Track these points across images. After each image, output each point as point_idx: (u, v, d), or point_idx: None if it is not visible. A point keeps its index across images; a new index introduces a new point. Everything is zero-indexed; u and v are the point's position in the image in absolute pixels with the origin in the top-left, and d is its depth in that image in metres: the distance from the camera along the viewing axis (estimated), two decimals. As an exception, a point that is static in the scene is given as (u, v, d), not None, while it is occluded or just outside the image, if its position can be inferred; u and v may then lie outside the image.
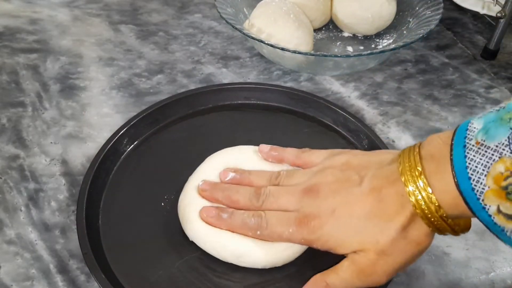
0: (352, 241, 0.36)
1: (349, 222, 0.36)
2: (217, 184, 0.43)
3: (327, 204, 0.37)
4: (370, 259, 0.35)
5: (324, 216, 0.36)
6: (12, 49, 0.67)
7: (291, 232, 0.37)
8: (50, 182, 0.49)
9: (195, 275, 0.40)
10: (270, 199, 0.39)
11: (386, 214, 0.34)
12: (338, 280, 0.36)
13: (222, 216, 0.40)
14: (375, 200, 0.35)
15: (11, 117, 0.56)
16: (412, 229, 0.34)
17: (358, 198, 0.36)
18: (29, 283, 0.41)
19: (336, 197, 0.37)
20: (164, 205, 0.45)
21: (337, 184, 0.37)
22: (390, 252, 0.34)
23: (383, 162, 0.37)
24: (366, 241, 0.35)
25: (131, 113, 0.55)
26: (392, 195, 0.35)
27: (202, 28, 0.72)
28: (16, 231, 0.45)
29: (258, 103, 0.57)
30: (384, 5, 0.66)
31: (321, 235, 0.37)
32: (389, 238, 0.34)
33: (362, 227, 0.35)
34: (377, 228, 0.35)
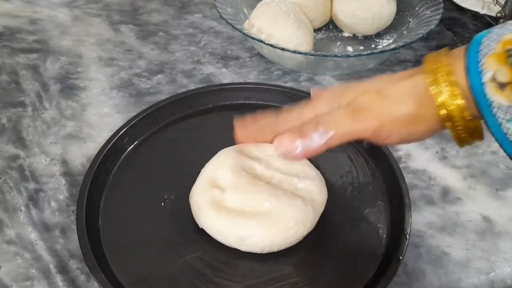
0: (353, 88, 0.36)
1: (355, 84, 0.36)
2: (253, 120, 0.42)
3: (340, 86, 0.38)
4: (368, 98, 0.34)
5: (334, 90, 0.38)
6: (12, 49, 0.67)
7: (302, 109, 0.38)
8: (50, 182, 0.49)
9: (195, 275, 0.40)
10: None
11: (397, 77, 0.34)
12: (329, 116, 0.35)
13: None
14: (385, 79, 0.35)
15: (11, 117, 0.56)
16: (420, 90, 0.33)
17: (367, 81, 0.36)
18: (29, 283, 0.41)
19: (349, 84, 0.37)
20: (164, 205, 0.45)
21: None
22: (390, 97, 0.34)
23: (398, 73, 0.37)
24: (367, 86, 0.35)
25: (131, 113, 0.55)
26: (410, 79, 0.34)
27: (202, 28, 0.72)
28: (16, 231, 0.45)
29: (258, 103, 0.57)
30: (384, 5, 0.66)
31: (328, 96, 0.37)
32: (393, 87, 0.34)
33: (367, 82, 0.36)
34: (384, 80, 0.35)
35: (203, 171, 0.46)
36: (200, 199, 0.43)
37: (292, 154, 0.36)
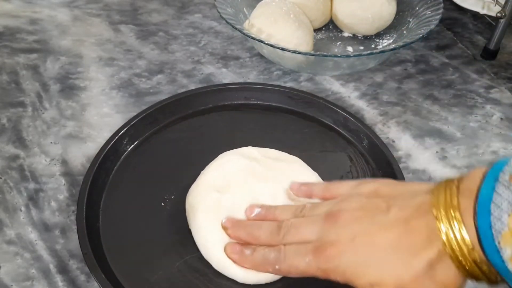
0: (371, 272, 0.32)
1: (370, 252, 0.32)
2: (240, 222, 0.40)
3: (347, 231, 0.33)
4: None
5: (342, 244, 0.33)
6: (12, 49, 0.67)
7: (307, 262, 0.34)
8: (50, 182, 0.49)
9: (195, 275, 0.40)
10: (291, 231, 0.37)
11: (412, 247, 0.31)
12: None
13: (245, 253, 0.38)
14: (401, 230, 0.32)
15: (11, 117, 0.56)
16: (439, 268, 0.30)
17: (382, 227, 0.32)
18: (29, 283, 0.41)
19: (358, 224, 0.33)
20: (164, 205, 0.45)
21: (361, 211, 0.34)
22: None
23: (417, 192, 0.33)
24: (386, 274, 0.31)
25: (131, 113, 0.55)
26: (421, 227, 0.31)
27: (202, 28, 0.72)
28: (16, 231, 0.45)
29: (258, 103, 0.57)
30: (384, 5, 0.66)
31: (338, 265, 0.33)
32: (412, 274, 0.30)
33: (384, 258, 0.32)
34: (400, 261, 0.31)
35: (203, 173, 0.46)
36: (195, 201, 0.43)
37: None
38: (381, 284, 0.32)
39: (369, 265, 0.32)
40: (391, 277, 0.31)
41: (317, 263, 0.34)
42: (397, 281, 0.31)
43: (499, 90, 0.62)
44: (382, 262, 0.32)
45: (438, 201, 0.30)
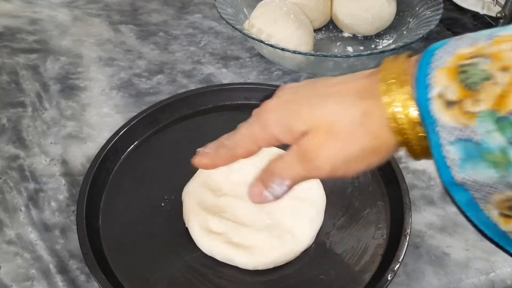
0: (306, 116, 0.31)
1: (306, 98, 0.31)
2: None
3: (289, 90, 0.33)
4: (316, 140, 0.31)
5: (285, 96, 0.33)
6: (12, 49, 0.67)
7: (249, 127, 0.34)
8: (50, 182, 0.49)
9: (195, 275, 0.40)
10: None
11: (349, 96, 0.30)
12: (281, 165, 0.33)
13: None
14: (341, 85, 0.31)
15: (11, 117, 0.56)
16: (374, 119, 0.29)
17: (323, 86, 0.32)
18: (29, 283, 0.41)
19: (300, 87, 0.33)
20: (164, 205, 0.45)
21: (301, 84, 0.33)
22: (341, 135, 0.30)
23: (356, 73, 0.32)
24: (320, 118, 0.31)
25: (131, 113, 0.55)
26: (361, 82, 0.30)
27: (202, 28, 0.72)
28: (16, 231, 0.45)
29: (258, 103, 0.57)
30: (384, 6, 0.66)
31: (275, 116, 0.32)
32: (345, 118, 0.30)
33: (319, 102, 0.31)
34: (335, 106, 0.30)
35: (201, 170, 0.46)
36: (191, 200, 0.44)
37: (267, 202, 0.34)
38: (312, 128, 0.31)
39: (306, 109, 0.31)
40: (325, 121, 0.30)
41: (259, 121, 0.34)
42: (328, 123, 0.30)
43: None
44: (317, 106, 0.31)
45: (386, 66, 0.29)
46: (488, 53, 0.25)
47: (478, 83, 0.24)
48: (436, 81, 0.26)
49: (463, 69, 0.25)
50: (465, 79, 0.25)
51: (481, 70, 0.24)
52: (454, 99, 0.25)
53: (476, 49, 0.25)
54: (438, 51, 0.27)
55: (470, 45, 0.26)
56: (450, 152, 0.25)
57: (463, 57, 0.25)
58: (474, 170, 0.25)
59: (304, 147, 0.31)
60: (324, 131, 0.30)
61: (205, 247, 0.42)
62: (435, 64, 0.26)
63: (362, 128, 0.30)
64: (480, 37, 0.26)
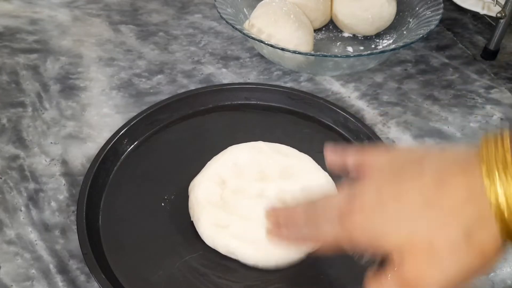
0: (399, 232, 0.28)
1: (398, 210, 0.28)
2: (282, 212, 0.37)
3: (376, 195, 0.29)
4: (418, 263, 0.27)
5: (369, 202, 0.29)
6: (12, 49, 0.67)
7: (333, 227, 0.31)
8: (50, 182, 0.49)
9: (195, 275, 0.40)
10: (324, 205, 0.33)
11: (447, 206, 0.26)
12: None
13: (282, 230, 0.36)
14: (436, 187, 0.27)
15: (11, 117, 0.56)
16: (478, 232, 0.26)
17: (415, 187, 0.28)
18: (29, 283, 0.41)
19: (388, 188, 0.29)
20: (164, 205, 0.45)
21: (392, 176, 0.30)
22: (445, 256, 0.27)
23: (458, 149, 0.29)
24: (416, 235, 0.27)
25: (131, 113, 0.55)
26: (460, 183, 0.27)
27: (202, 29, 0.72)
28: (16, 231, 0.45)
29: (258, 103, 0.57)
30: (384, 6, 0.66)
31: (365, 227, 0.29)
32: (446, 237, 0.26)
33: (414, 216, 0.27)
34: (433, 221, 0.27)
35: (210, 164, 0.46)
36: (197, 194, 0.44)
37: None
38: (409, 248, 0.28)
39: (395, 223, 0.28)
40: (422, 239, 0.27)
41: (343, 228, 0.31)
42: (428, 244, 0.27)
43: (499, 91, 0.62)
44: (411, 221, 0.27)
45: (487, 155, 0.26)
46: None
47: None
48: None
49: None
50: None
51: None
52: None
53: None
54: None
55: None
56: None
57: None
58: None
59: (406, 275, 0.28)
60: (424, 250, 0.27)
61: (209, 240, 0.42)
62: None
63: (467, 246, 0.26)
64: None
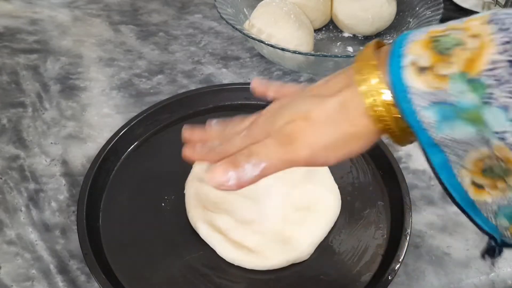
0: (283, 116, 0.33)
1: (287, 106, 0.34)
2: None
3: (276, 105, 0.35)
4: (296, 127, 0.32)
5: (270, 111, 0.35)
6: (12, 49, 0.67)
7: (241, 136, 0.35)
8: (50, 182, 0.49)
9: (196, 275, 0.40)
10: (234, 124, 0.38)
11: (326, 93, 0.32)
12: (261, 147, 0.33)
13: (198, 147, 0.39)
14: (321, 87, 0.33)
15: (11, 117, 0.56)
16: (351, 107, 0.30)
17: (306, 92, 0.34)
18: (29, 283, 0.41)
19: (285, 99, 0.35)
20: (164, 205, 0.45)
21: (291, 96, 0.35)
22: (319, 122, 0.31)
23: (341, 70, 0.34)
24: (297, 111, 0.33)
25: (131, 114, 0.55)
26: (339, 79, 0.32)
27: (202, 29, 0.72)
28: (16, 232, 0.45)
29: (258, 103, 0.57)
30: (384, 6, 0.66)
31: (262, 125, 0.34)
32: (321, 109, 0.31)
33: (297, 104, 0.33)
34: (313, 102, 0.32)
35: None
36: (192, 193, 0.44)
37: (226, 186, 0.34)
38: (291, 121, 0.32)
39: (284, 113, 0.33)
40: (301, 113, 0.32)
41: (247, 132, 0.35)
42: (306, 115, 0.32)
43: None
44: (295, 107, 0.33)
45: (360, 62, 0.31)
46: (459, 27, 0.27)
47: (450, 48, 0.26)
48: (409, 51, 0.27)
49: (436, 39, 0.27)
50: (437, 46, 0.26)
51: (452, 38, 0.26)
52: (427, 65, 0.26)
53: (448, 26, 0.27)
54: (412, 33, 0.29)
55: (442, 26, 0.28)
56: (425, 116, 0.27)
57: (436, 32, 0.27)
58: (451, 129, 0.26)
59: (285, 132, 0.32)
60: (302, 118, 0.32)
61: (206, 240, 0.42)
62: (409, 39, 0.28)
63: (340, 116, 0.31)
64: (453, 21, 0.28)
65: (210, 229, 0.42)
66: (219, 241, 0.41)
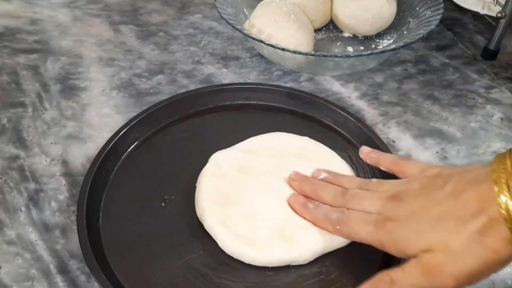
0: (419, 240, 0.34)
1: (421, 222, 0.35)
2: (307, 178, 0.44)
3: (406, 209, 0.36)
4: (437, 259, 0.33)
5: (401, 220, 0.36)
6: (12, 49, 0.67)
7: (368, 232, 0.37)
8: (50, 182, 0.49)
9: (196, 275, 0.40)
10: (354, 199, 0.40)
11: (461, 216, 0.32)
12: (403, 276, 0.34)
13: (308, 206, 0.42)
14: (453, 201, 0.34)
15: (11, 117, 0.56)
16: (490, 234, 0.31)
17: (436, 202, 0.35)
18: (30, 284, 0.41)
19: (415, 201, 0.36)
20: (164, 205, 0.45)
21: (421, 191, 0.36)
22: (460, 254, 0.32)
23: (475, 167, 0.35)
24: (433, 240, 0.33)
25: (131, 114, 0.55)
26: (472, 197, 0.33)
27: (202, 29, 0.72)
28: (16, 232, 0.45)
29: (258, 103, 0.57)
30: (385, 6, 0.66)
31: (394, 238, 0.36)
32: (459, 239, 0.32)
33: (433, 226, 0.34)
34: (448, 229, 0.33)
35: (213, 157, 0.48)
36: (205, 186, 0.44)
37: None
38: (430, 250, 0.33)
39: (418, 234, 0.34)
40: (438, 243, 0.33)
41: (377, 234, 0.37)
42: (444, 246, 0.32)
43: (499, 90, 0.62)
44: (430, 230, 0.34)
45: (499, 172, 0.31)
46: None
47: None
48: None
49: None
50: None
51: None
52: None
53: None
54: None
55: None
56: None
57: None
58: None
59: (428, 263, 0.33)
60: (441, 251, 0.33)
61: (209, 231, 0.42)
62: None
63: (479, 246, 0.32)
64: None
65: (215, 221, 0.42)
66: (222, 233, 0.41)
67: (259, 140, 0.50)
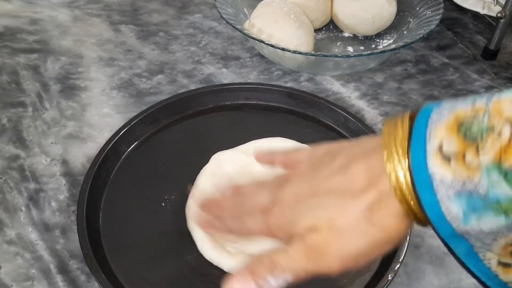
0: (305, 218, 0.31)
1: (308, 201, 0.31)
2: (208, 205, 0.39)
3: (293, 189, 0.33)
4: (322, 237, 0.30)
5: (287, 201, 0.32)
6: (12, 49, 0.67)
7: (256, 223, 0.34)
8: (50, 182, 0.49)
9: (196, 275, 0.40)
10: (250, 199, 0.36)
11: (350, 191, 0.29)
12: (285, 258, 0.31)
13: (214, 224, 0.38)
14: (341, 176, 0.30)
15: (11, 117, 0.56)
16: (379, 211, 0.28)
17: (324, 178, 0.31)
18: (30, 283, 0.41)
19: (303, 182, 0.32)
20: (164, 205, 0.46)
21: (309, 171, 0.33)
22: (346, 232, 0.29)
23: (365, 139, 0.32)
24: (319, 218, 0.30)
25: (131, 113, 0.55)
26: (361, 170, 0.29)
27: (202, 28, 0.72)
28: (16, 231, 0.45)
29: (259, 103, 0.57)
30: (385, 6, 0.66)
31: (281, 220, 0.32)
32: (346, 216, 0.29)
33: (320, 204, 0.30)
34: (336, 205, 0.30)
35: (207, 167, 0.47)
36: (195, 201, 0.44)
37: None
38: (315, 228, 0.30)
39: (305, 214, 0.31)
40: (324, 220, 0.30)
41: (265, 222, 0.33)
42: (329, 222, 0.29)
43: (499, 90, 0.62)
44: (316, 207, 0.30)
45: (389, 140, 0.28)
46: (488, 109, 0.24)
47: (480, 135, 0.24)
48: (434, 134, 0.25)
49: (463, 122, 0.25)
50: (465, 131, 0.24)
51: (482, 122, 0.24)
52: (454, 153, 0.24)
53: (475, 106, 0.25)
54: (435, 109, 0.26)
55: (468, 104, 0.25)
56: (450, 208, 0.25)
57: (462, 113, 0.25)
58: (479, 220, 0.24)
59: (312, 243, 0.30)
60: (327, 228, 0.30)
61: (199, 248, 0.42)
62: (433, 119, 0.26)
63: (367, 223, 0.29)
64: (477, 97, 0.26)
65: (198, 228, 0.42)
66: (203, 237, 0.41)
67: (261, 144, 0.49)
